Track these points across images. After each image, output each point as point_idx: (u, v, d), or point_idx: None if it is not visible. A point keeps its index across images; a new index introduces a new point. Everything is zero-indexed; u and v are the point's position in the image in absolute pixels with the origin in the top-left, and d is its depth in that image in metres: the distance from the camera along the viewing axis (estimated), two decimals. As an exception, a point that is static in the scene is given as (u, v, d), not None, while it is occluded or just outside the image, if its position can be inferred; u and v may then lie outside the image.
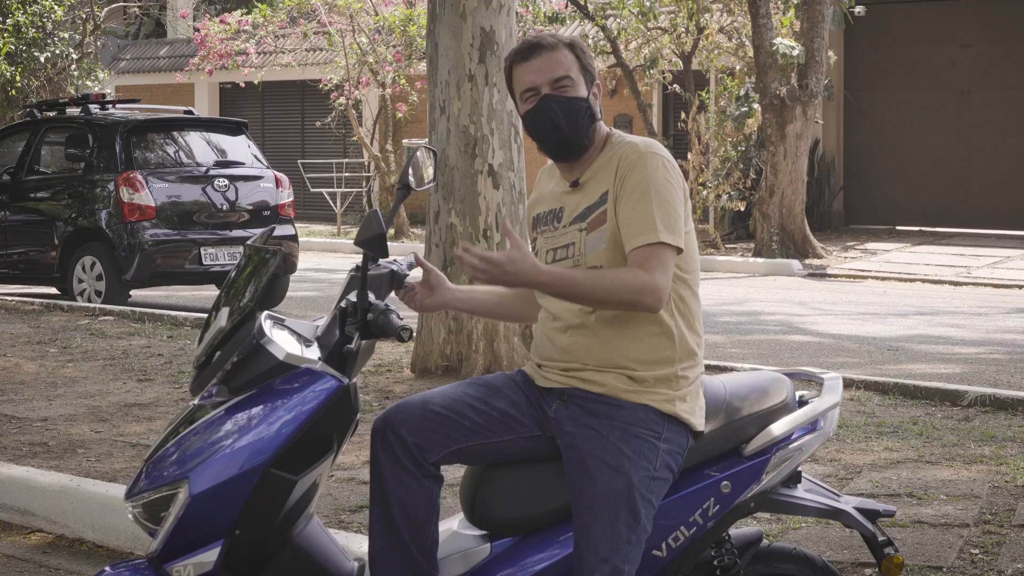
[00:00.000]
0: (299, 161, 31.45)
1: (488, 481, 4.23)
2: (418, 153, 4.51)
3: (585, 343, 4.19)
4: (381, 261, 4.36)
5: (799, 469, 4.41)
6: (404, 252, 23.72)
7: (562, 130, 4.21)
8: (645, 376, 4.15)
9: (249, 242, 4.41)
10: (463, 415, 4.16)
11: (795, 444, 4.31)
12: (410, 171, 4.43)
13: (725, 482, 4.22)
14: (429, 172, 4.53)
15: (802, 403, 4.44)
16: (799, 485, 4.41)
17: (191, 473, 4.00)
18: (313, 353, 4.16)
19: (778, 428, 4.28)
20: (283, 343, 4.13)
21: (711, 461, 4.26)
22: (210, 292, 17.49)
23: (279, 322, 4.26)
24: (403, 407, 4.16)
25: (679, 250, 4.11)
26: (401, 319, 4.11)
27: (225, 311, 4.18)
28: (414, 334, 3.81)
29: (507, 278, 4.04)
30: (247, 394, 4.10)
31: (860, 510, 4.41)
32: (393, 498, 4.09)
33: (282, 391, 4.08)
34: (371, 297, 4.15)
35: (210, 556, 3.99)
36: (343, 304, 4.19)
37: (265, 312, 4.22)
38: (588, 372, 4.18)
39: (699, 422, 4.21)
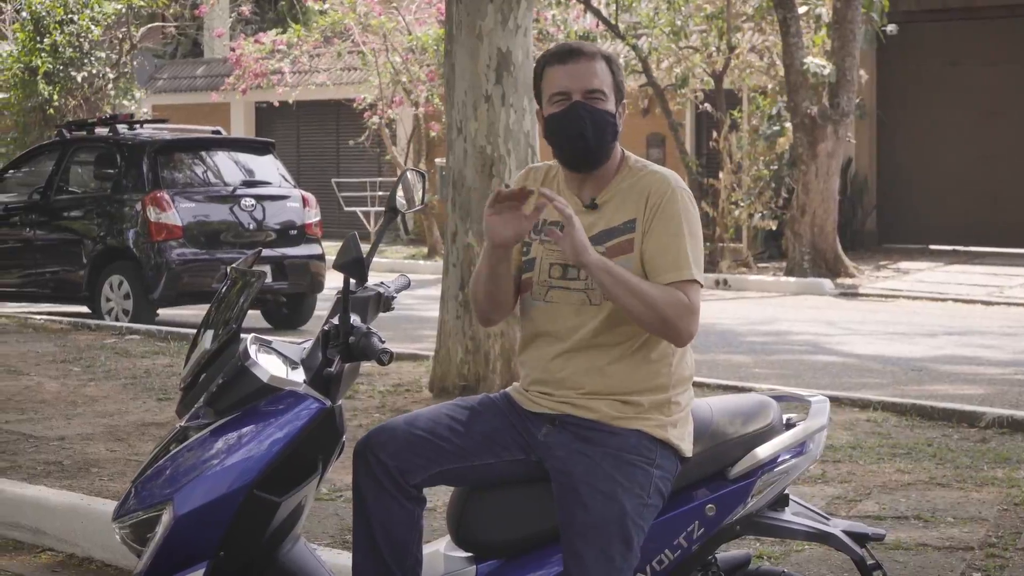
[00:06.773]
0: (333, 180, 31.52)
1: (474, 503, 4.23)
2: (408, 175, 4.53)
3: (584, 367, 4.18)
4: (369, 283, 4.38)
5: (787, 492, 4.40)
6: (439, 270, 23.58)
7: (587, 140, 4.17)
8: (640, 401, 4.15)
9: (234, 265, 4.43)
10: (445, 438, 4.16)
11: (781, 467, 4.30)
12: (399, 193, 4.45)
13: (710, 505, 4.22)
14: (418, 195, 4.54)
15: (789, 426, 4.43)
16: (787, 508, 4.40)
17: (175, 495, 4.02)
18: (298, 376, 4.17)
19: (763, 451, 4.28)
20: (268, 365, 4.14)
21: (696, 484, 4.25)
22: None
23: (265, 344, 4.28)
24: (384, 430, 4.17)
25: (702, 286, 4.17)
26: (383, 342, 4.10)
27: (210, 333, 4.20)
28: (394, 356, 3.78)
29: (574, 236, 3.97)
30: (231, 416, 4.12)
31: (849, 533, 4.39)
32: (375, 520, 4.09)
33: (266, 413, 4.09)
34: (355, 320, 4.15)
35: (195, 578, 4.01)
36: (326, 327, 4.20)
37: (252, 335, 4.24)
38: (580, 398, 4.17)
39: (688, 448, 4.21)
